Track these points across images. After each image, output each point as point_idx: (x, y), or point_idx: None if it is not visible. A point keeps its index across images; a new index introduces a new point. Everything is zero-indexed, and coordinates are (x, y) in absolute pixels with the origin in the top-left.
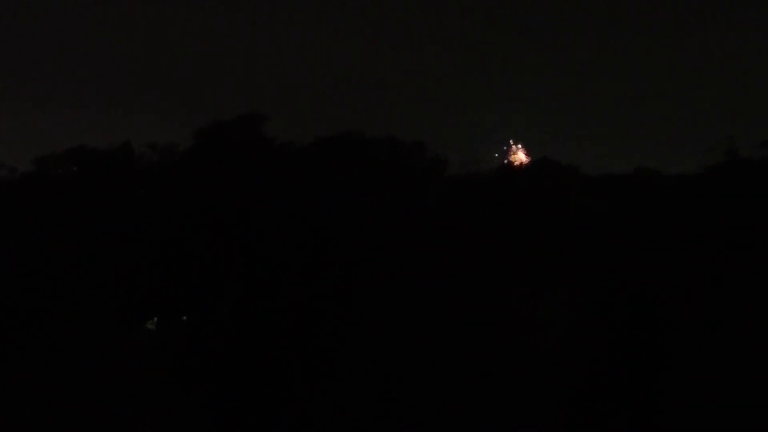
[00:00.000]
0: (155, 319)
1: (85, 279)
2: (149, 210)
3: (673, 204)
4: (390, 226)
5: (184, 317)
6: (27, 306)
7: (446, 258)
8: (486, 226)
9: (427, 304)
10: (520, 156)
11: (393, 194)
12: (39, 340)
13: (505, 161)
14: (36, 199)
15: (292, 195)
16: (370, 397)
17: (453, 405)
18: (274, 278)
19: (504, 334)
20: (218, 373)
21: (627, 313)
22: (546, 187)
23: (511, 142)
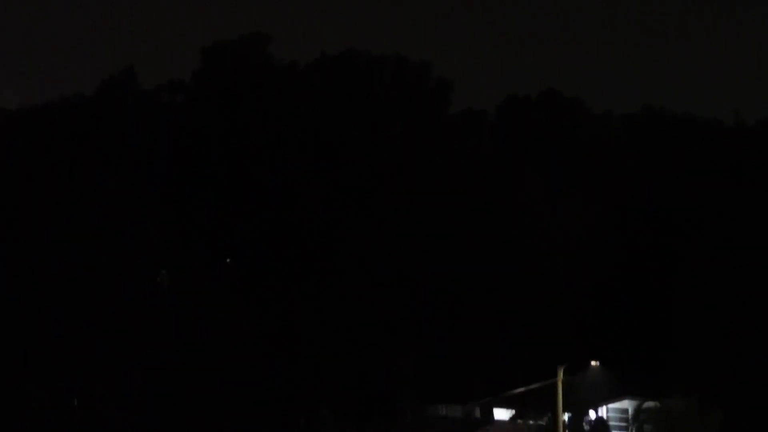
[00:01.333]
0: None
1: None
2: (157, 131)
3: (684, 138)
4: (399, 143)
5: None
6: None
7: (458, 171)
8: (494, 148)
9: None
10: None
11: (400, 110)
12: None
13: None
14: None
15: (298, 113)
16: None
17: (466, 304)
18: (285, 195)
19: (519, 235)
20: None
21: (641, 219)
22: (553, 115)
23: None
